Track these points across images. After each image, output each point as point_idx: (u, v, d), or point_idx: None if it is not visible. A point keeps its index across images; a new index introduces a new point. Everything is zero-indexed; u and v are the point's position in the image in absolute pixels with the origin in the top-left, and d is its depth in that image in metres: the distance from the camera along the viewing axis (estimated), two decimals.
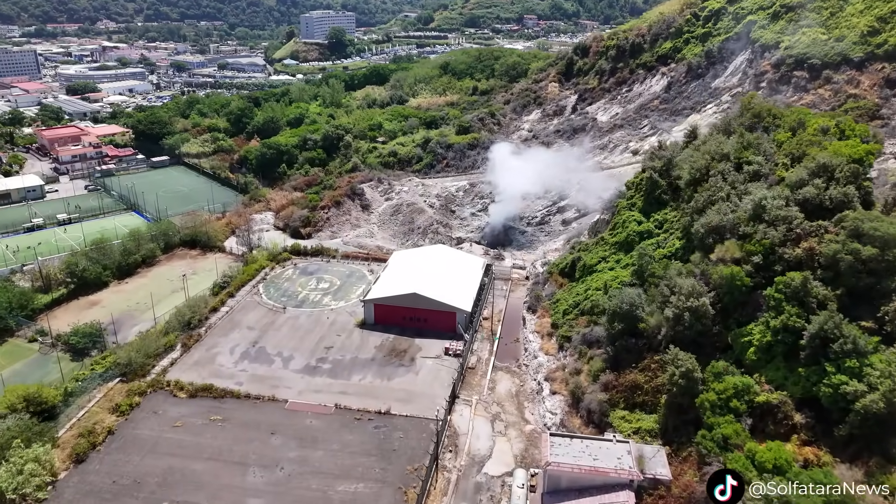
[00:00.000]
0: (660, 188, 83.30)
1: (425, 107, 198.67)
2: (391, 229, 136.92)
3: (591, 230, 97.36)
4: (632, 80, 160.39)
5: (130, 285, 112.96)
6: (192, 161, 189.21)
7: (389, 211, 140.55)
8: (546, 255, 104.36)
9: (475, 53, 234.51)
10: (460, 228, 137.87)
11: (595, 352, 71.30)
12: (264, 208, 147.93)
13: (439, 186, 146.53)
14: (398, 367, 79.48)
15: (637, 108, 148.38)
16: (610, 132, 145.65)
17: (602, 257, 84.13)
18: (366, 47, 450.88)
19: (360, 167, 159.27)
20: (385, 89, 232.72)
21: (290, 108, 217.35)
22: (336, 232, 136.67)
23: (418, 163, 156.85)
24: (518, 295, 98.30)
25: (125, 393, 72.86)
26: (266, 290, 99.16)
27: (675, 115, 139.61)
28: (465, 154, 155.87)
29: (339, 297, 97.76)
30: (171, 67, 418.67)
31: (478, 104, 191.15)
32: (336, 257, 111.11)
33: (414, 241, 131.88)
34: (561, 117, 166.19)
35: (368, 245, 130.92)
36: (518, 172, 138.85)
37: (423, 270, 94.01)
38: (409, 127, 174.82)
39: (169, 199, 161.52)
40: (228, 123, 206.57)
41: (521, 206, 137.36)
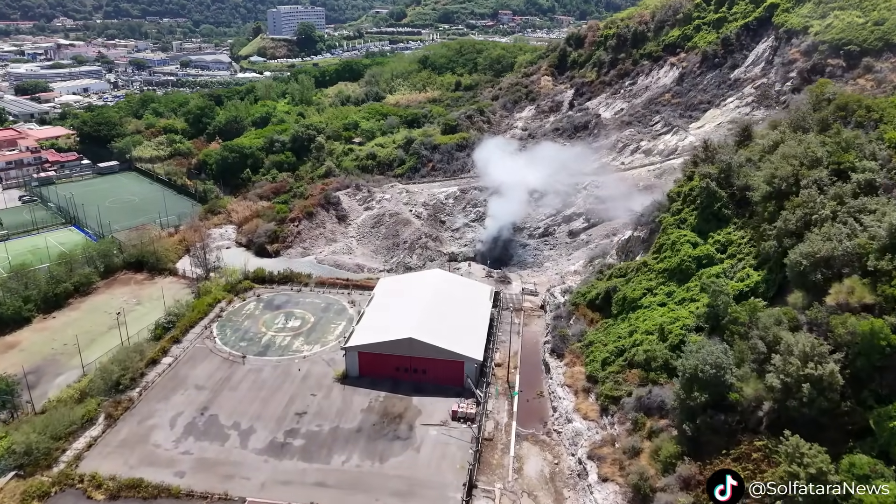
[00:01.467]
0: (719, 201, 64.95)
1: (404, 104, 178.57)
2: (372, 244, 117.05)
3: (621, 250, 78.77)
4: (635, 73, 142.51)
5: (59, 321, 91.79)
6: (145, 166, 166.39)
7: (370, 222, 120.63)
8: (564, 279, 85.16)
9: (456, 46, 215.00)
10: (452, 242, 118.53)
11: (659, 423, 52.66)
12: (224, 221, 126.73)
13: (426, 193, 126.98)
14: (393, 439, 59.82)
15: (645, 103, 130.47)
16: (617, 130, 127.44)
17: (647, 289, 65.52)
18: (336, 44, 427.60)
19: (334, 172, 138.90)
20: (359, 86, 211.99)
21: (256, 107, 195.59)
22: (308, 248, 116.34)
23: (400, 166, 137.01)
24: (533, 330, 79.34)
25: (18, 498, 51.98)
26: (221, 332, 78.23)
27: (691, 111, 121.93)
28: (454, 156, 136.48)
29: (313, 339, 77.27)
30: (131, 65, 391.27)
31: (463, 100, 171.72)
32: (309, 285, 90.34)
33: (399, 257, 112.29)
34: (558, 114, 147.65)
35: (347, 263, 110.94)
36: (515, 175, 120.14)
37: (419, 305, 74.22)
38: (388, 126, 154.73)
39: (116, 212, 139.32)
40: (187, 124, 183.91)
41: (520, 215, 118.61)
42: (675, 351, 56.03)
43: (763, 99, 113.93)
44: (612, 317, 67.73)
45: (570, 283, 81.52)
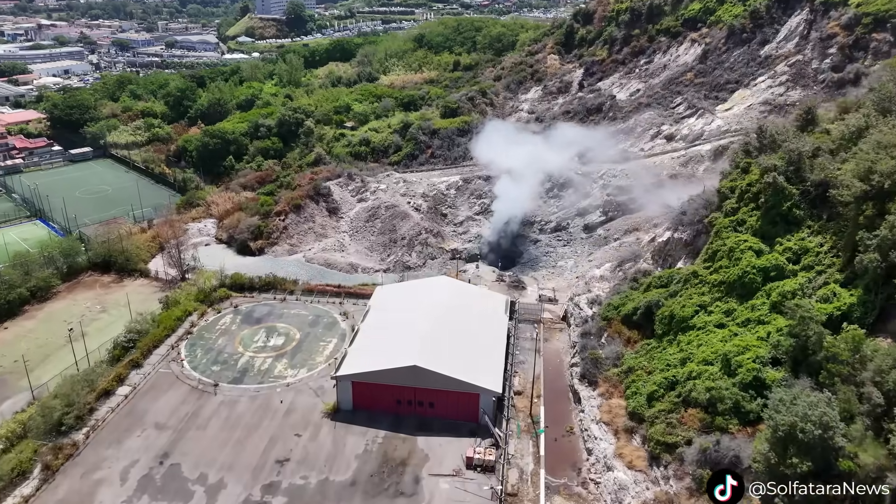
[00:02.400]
0: (789, 199, 53.10)
1: (399, 85, 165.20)
2: (367, 240, 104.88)
3: (658, 254, 66.86)
4: (652, 50, 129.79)
5: (10, 332, 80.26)
6: (120, 153, 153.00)
7: (364, 216, 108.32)
8: (589, 286, 73.10)
9: (453, 24, 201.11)
10: (455, 237, 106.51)
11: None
12: (204, 214, 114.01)
13: (425, 183, 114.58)
14: (395, 496, 48.10)
15: (665, 84, 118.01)
16: (635, 113, 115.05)
17: (700, 305, 53.83)
18: (327, 23, 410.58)
19: (324, 159, 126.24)
20: (351, 66, 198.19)
21: (241, 89, 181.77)
22: (296, 245, 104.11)
23: (397, 153, 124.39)
24: (556, 346, 67.68)
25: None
26: (191, 353, 65.91)
27: (717, 91, 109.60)
28: (455, 141, 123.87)
29: (298, 360, 65.13)
30: (114, 46, 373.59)
31: (462, 81, 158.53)
32: (295, 293, 77.92)
33: (397, 255, 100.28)
34: (567, 95, 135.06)
35: (339, 262, 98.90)
36: (523, 163, 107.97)
37: (424, 322, 62.02)
38: (382, 109, 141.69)
39: (86, 203, 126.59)
40: (166, 107, 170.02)
41: (530, 208, 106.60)
42: (747, 390, 44.48)
43: (799, 78, 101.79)
44: (655, 337, 56.06)
45: (597, 290, 69.65)
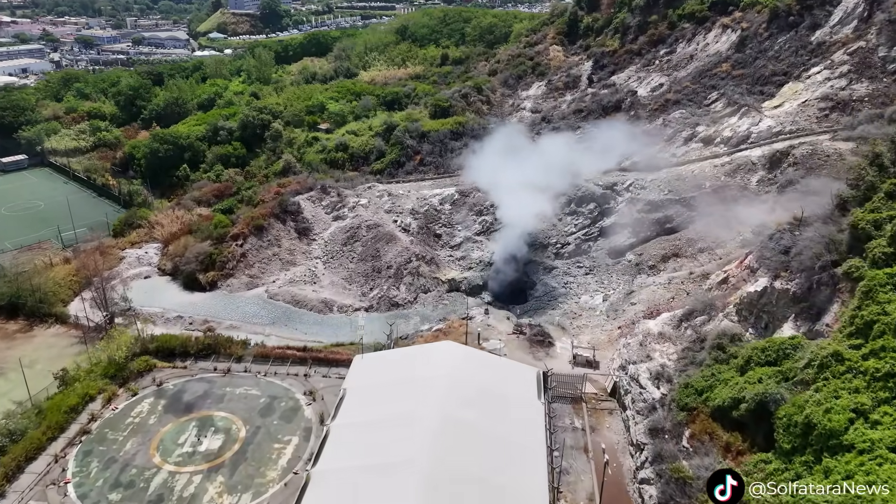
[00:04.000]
0: None
1: (381, 81, 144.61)
2: (345, 268, 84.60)
3: (748, 309, 47.24)
4: (673, 39, 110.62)
5: None
6: (61, 161, 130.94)
7: (341, 238, 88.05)
8: (647, 348, 52.74)
9: (439, 15, 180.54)
10: (452, 264, 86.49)
11: None
12: (146, 238, 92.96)
13: (414, 196, 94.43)
14: None
15: (695, 77, 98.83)
16: (662, 111, 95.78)
17: (857, 410, 34.52)
18: (304, 19, 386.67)
19: (294, 167, 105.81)
20: (327, 61, 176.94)
21: (204, 87, 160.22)
22: (257, 276, 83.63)
23: (379, 160, 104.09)
24: (608, 440, 47.77)
25: None
26: (82, 469, 44.79)
27: (761, 85, 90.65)
28: (448, 146, 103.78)
29: (240, 479, 44.40)
30: (77, 44, 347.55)
31: (452, 76, 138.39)
32: (244, 359, 56.97)
33: (382, 289, 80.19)
34: (575, 91, 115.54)
35: (309, 298, 78.77)
36: (530, 172, 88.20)
37: (425, 423, 41.01)
38: (362, 108, 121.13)
39: (12, 223, 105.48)
40: (117, 108, 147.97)
41: (542, 226, 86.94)
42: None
43: (864, 68, 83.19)
44: (778, 453, 36.55)
45: (659, 356, 49.91)
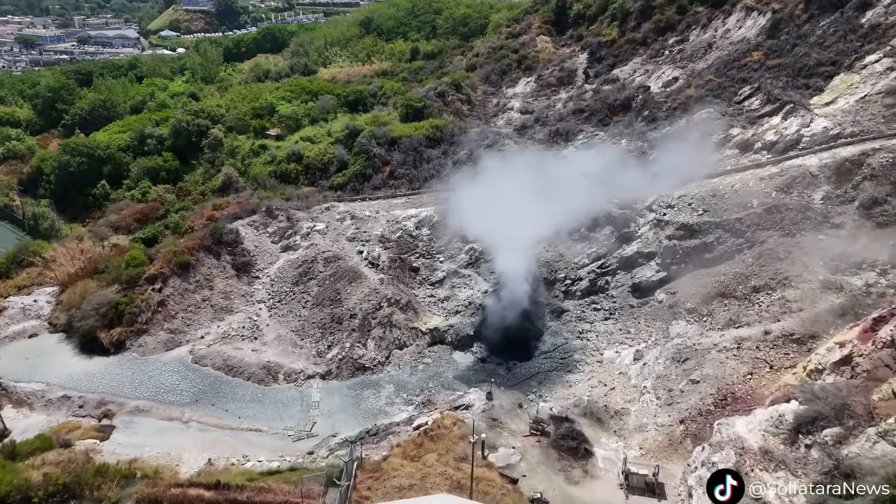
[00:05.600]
0: None
1: (343, 79, 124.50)
2: (296, 316, 64.77)
3: None
4: (685, 25, 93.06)
5: None
6: None
7: (291, 275, 68.27)
8: (741, 461, 33.48)
9: (407, 5, 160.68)
10: (434, 307, 67.25)
11: None
12: (38, 280, 71.79)
13: (384, 220, 74.94)
14: None
15: (719, 69, 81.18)
16: (683, 111, 78.01)
17: None
18: (263, 16, 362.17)
19: (237, 183, 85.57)
20: (283, 57, 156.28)
21: (139, 87, 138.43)
22: (180, 331, 63.39)
23: (340, 173, 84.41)
24: None
25: None
26: None
27: (805, 77, 73.16)
28: (423, 155, 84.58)
29: None
30: (18, 43, 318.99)
31: (425, 72, 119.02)
32: None
33: (345, 346, 60.85)
34: (571, 88, 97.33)
35: (247, 363, 59.11)
36: (528, 187, 69.56)
37: None
38: (320, 111, 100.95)
39: None
40: (34, 113, 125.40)
41: (545, 257, 68.37)
42: None
43: None
44: None
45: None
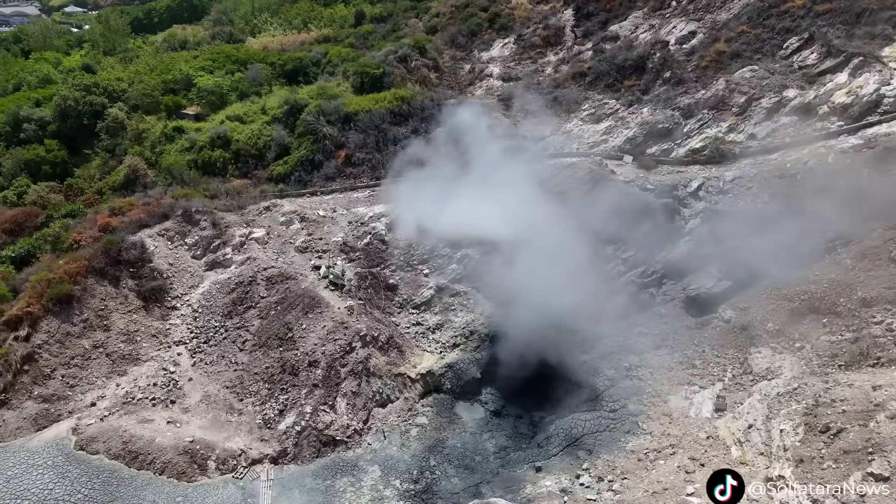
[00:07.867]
0: None
1: (276, 49, 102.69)
2: (231, 364, 45.01)
3: None
4: None
5: None
6: None
7: (222, 303, 48.38)
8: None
9: None
10: (423, 341, 48.70)
11: None
12: None
13: (344, 220, 55.78)
14: None
15: (751, 18, 65.02)
16: (717, 69, 61.70)
17: None
18: None
19: (145, 178, 64.28)
20: (203, 27, 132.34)
21: (26, 63, 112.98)
22: (59, 396, 42.53)
23: (282, 160, 64.33)
24: None
25: None
26: None
27: (867, 24, 58.02)
28: (387, 134, 65.28)
29: None
30: None
31: (375, 37, 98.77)
32: None
33: (304, 411, 41.79)
34: (560, 49, 79.70)
35: (161, 443, 39.01)
36: (531, 176, 52.11)
37: None
38: (251, 83, 79.51)
39: None
40: None
41: (563, 265, 50.89)
42: None
43: None
44: None
45: None
